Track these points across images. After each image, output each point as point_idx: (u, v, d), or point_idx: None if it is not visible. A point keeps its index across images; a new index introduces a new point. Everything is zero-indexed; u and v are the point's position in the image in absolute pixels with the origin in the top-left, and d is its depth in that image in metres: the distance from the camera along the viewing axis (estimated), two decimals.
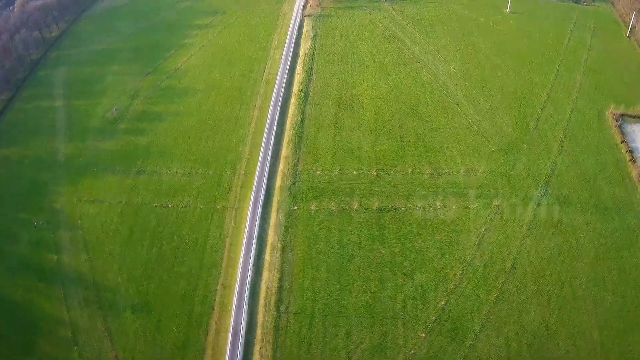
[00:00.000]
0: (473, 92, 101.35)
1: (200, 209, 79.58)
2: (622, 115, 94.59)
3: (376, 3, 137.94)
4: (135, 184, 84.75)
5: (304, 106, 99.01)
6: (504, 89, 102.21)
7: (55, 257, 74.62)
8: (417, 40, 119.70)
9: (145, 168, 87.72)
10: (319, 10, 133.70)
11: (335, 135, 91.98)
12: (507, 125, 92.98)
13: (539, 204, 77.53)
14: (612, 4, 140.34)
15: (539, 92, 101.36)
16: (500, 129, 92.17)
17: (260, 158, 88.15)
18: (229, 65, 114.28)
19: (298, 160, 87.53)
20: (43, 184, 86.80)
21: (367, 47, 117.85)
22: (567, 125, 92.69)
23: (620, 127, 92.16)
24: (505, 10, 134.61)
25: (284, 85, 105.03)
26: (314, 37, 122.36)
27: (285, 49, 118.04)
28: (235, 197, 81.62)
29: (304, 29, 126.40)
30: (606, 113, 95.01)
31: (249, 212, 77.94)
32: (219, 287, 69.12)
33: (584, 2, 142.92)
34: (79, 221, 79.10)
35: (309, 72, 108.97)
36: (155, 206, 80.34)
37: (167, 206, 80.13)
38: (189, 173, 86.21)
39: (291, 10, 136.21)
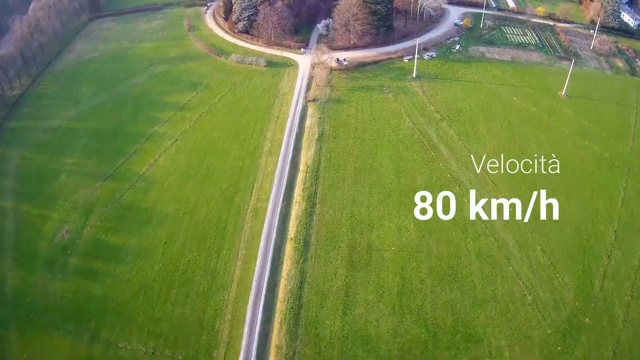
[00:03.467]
0: (529, 236, 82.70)
1: None
2: None
3: (400, 81, 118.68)
4: (90, 356, 72.29)
5: (304, 260, 79.94)
6: (565, 228, 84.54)
7: None
8: (455, 147, 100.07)
9: (100, 334, 74.47)
10: (327, 91, 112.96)
11: (344, 313, 73.55)
12: (567, 289, 77.39)
13: None
14: None
15: (605, 229, 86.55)
16: (560, 296, 76.51)
17: (243, 346, 70.96)
18: (206, 178, 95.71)
19: (294, 354, 69.70)
20: None
21: (389, 157, 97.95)
22: (636, 278, 79.62)
23: None
24: (560, 93, 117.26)
25: (277, 221, 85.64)
26: (320, 137, 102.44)
27: (281, 155, 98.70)
28: None
29: (307, 122, 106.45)
30: None
31: None
32: None
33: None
34: None
35: (311, 200, 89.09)
36: None
37: None
38: (153, 354, 72.10)
39: (291, 89, 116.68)
